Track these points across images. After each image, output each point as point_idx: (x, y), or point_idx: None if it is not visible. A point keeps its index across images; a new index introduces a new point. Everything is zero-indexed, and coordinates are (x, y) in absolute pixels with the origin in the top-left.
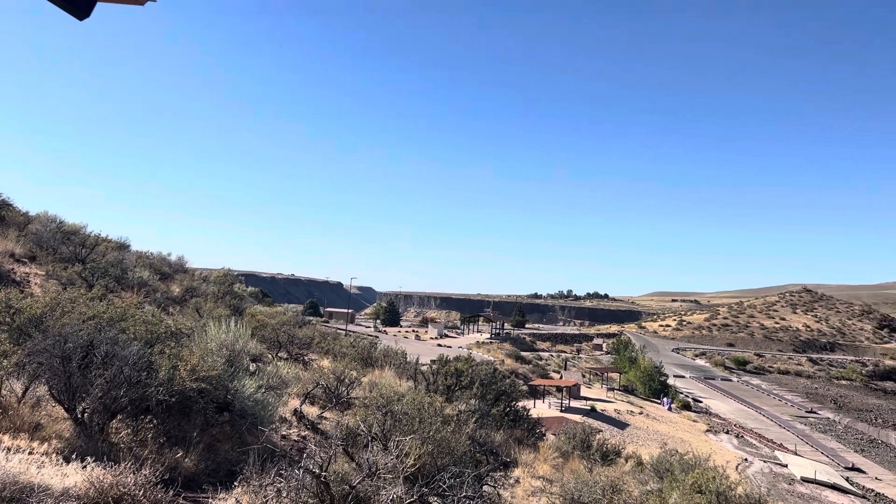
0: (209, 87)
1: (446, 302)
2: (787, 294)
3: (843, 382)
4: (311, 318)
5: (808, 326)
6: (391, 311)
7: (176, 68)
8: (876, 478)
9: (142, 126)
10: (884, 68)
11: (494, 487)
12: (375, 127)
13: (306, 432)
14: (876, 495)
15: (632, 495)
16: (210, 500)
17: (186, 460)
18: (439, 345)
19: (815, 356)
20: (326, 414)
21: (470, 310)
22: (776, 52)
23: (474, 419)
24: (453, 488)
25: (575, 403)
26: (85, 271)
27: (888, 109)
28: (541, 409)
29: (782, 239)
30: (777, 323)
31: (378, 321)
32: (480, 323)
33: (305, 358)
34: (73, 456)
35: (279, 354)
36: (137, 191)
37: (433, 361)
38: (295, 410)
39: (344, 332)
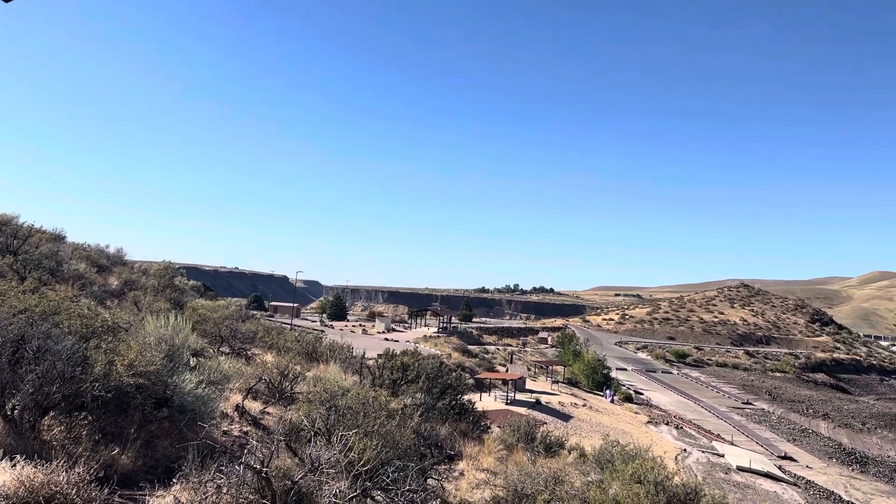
0: (144, 70)
1: (394, 296)
2: (726, 289)
3: (778, 374)
4: (255, 312)
5: (745, 320)
6: (338, 305)
7: (107, 48)
8: (807, 466)
9: (76, 112)
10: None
11: (438, 480)
12: (320, 120)
13: (248, 428)
14: (807, 483)
15: (574, 486)
16: (147, 498)
17: (123, 457)
18: (386, 339)
19: (751, 349)
20: (269, 409)
21: (418, 304)
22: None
23: (419, 413)
24: (397, 482)
25: (520, 396)
26: (16, 263)
27: (825, 106)
28: (487, 402)
29: (722, 235)
30: (716, 317)
31: (324, 315)
32: (428, 317)
33: (248, 353)
34: (2, 455)
35: (221, 349)
36: (74, 181)
37: (380, 356)
38: (237, 406)
39: (289, 326)
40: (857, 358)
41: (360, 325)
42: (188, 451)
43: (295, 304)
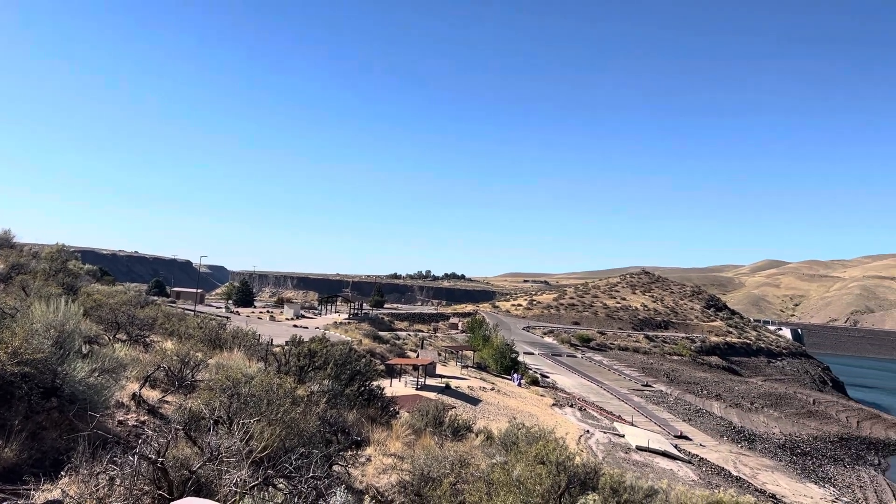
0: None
1: (304, 282)
2: (628, 276)
3: (675, 357)
4: (156, 298)
5: (646, 306)
6: (244, 291)
7: None
8: (701, 444)
9: None
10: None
11: (344, 466)
12: (231, 105)
13: (145, 417)
14: (700, 460)
15: (479, 468)
16: (32, 492)
17: (6, 450)
18: (295, 326)
19: (651, 333)
20: (169, 398)
21: (328, 290)
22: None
23: (325, 399)
24: (300, 469)
25: (431, 381)
26: None
27: (711, 101)
28: (397, 387)
29: (625, 224)
30: (618, 303)
31: (230, 301)
32: (339, 303)
33: (147, 340)
34: None
35: (118, 336)
36: None
37: (287, 342)
38: (133, 395)
39: (192, 312)
40: (748, 342)
41: (268, 312)
42: (78, 443)
43: (199, 290)
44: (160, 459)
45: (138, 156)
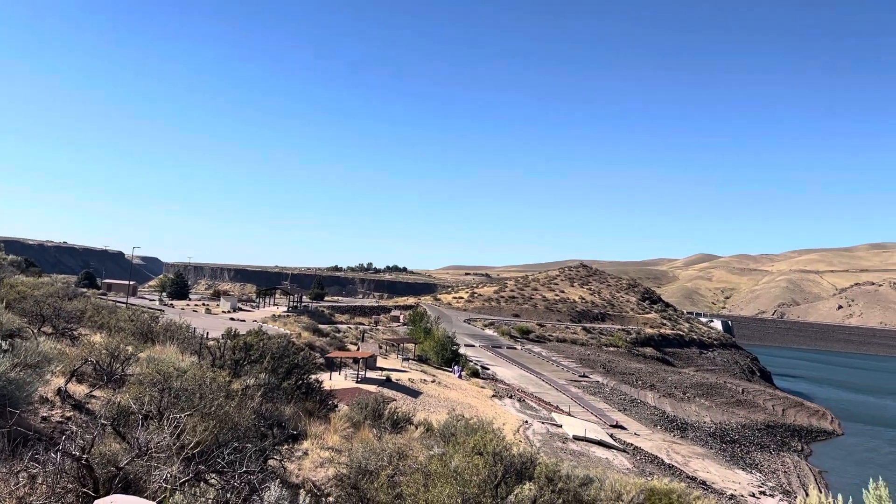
0: None
1: (241, 274)
2: (567, 269)
3: (611, 349)
4: (86, 290)
5: (584, 298)
6: (179, 283)
7: None
8: (635, 433)
9: None
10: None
11: (280, 461)
12: (165, 88)
13: (71, 413)
14: (634, 449)
15: (418, 460)
16: None
17: None
18: (232, 318)
19: (588, 325)
20: (97, 393)
21: (267, 283)
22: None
23: (261, 393)
24: (234, 464)
25: (371, 374)
26: None
27: (656, 99)
28: (337, 380)
29: (564, 218)
30: (557, 295)
31: (164, 294)
32: (277, 296)
33: (75, 333)
34: None
35: (43, 329)
36: None
37: (222, 336)
38: (59, 390)
39: (124, 305)
40: (681, 333)
41: (204, 305)
42: None
43: (131, 282)
44: (85, 456)
45: (67, 141)
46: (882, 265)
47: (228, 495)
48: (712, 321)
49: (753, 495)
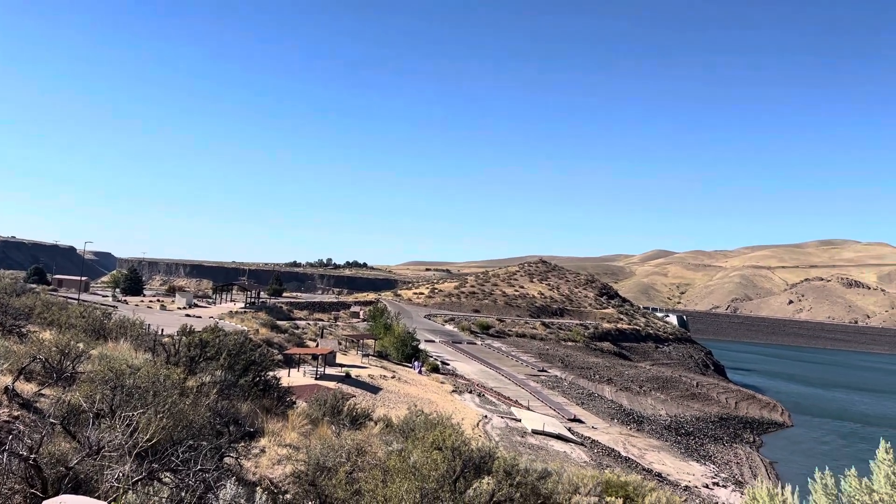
0: None
1: (197, 270)
2: (526, 264)
3: (570, 344)
4: (35, 286)
5: (543, 294)
6: (133, 279)
7: None
8: (593, 427)
9: None
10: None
11: (236, 458)
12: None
13: (19, 412)
14: (592, 442)
15: (377, 456)
16: None
17: None
18: (188, 315)
19: (547, 320)
20: (46, 391)
21: (224, 278)
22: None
23: (217, 390)
24: (188, 462)
25: (330, 371)
26: None
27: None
28: (295, 377)
29: (524, 215)
30: (517, 291)
31: (117, 290)
32: (234, 292)
33: (23, 330)
34: None
35: None
36: None
37: (178, 332)
38: (6, 388)
39: (76, 301)
40: (637, 328)
41: (159, 301)
42: None
43: (83, 278)
44: (33, 456)
45: (16, 134)
46: (830, 261)
47: (183, 494)
48: (668, 316)
49: (707, 486)
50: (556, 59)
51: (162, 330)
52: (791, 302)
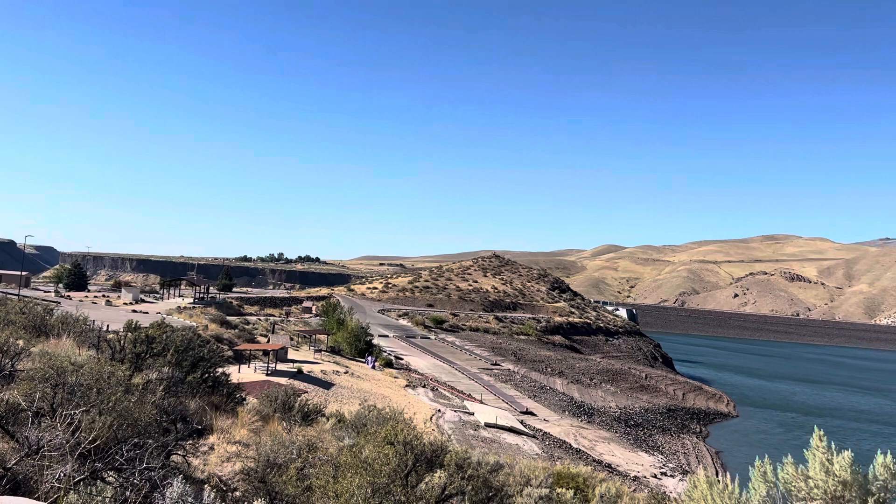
0: None
1: (144, 264)
2: (480, 259)
3: (522, 337)
4: None
5: (496, 288)
6: (77, 273)
7: None
8: (545, 419)
9: None
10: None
11: (184, 456)
12: (58, 70)
13: None
14: (544, 434)
15: (328, 452)
16: None
17: None
18: (134, 311)
19: (500, 314)
20: None
21: (172, 273)
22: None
23: (164, 387)
24: (133, 461)
25: (282, 366)
26: None
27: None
28: (246, 373)
29: (477, 210)
30: (470, 285)
31: (60, 285)
32: (183, 287)
33: None
34: None
35: None
36: None
37: (123, 328)
38: None
39: (16, 296)
40: (588, 321)
41: (104, 296)
42: None
43: (24, 273)
44: None
45: None
46: (774, 256)
47: (128, 493)
48: (618, 310)
49: (655, 476)
50: (499, 51)
51: (107, 326)
52: (736, 295)
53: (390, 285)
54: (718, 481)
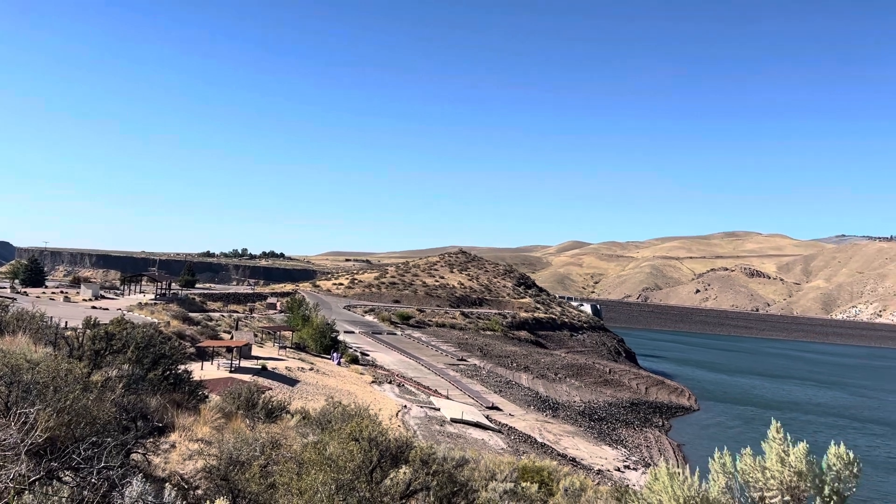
0: None
1: (105, 260)
2: (446, 255)
3: (488, 333)
4: None
5: (463, 284)
6: (34, 269)
7: None
8: (510, 414)
9: None
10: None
11: (144, 454)
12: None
13: None
14: (509, 429)
15: (292, 449)
16: None
17: None
18: (94, 307)
19: (467, 310)
20: None
21: (133, 269)
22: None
23: (123, 384)
24: (90, 460)
25: (246, 363)
26: None
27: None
28: (209, 370)
29: (444, 205)
30: (437, 281)
31: (16, 281)
32: (144, 283)
33: None
34: None
35: None
36: None
37: (82, 325)
38: None
39: None
40: (553, 317)
41: (62, 293)
42: None
43: None
44: None
45: None
46: (734, 252)
47: (85, 493)
48: (582, 305)
49: (619, 469)
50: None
51: (65, 323)
52: (698, 291)
53: (356, 281)
54: (679, 473)
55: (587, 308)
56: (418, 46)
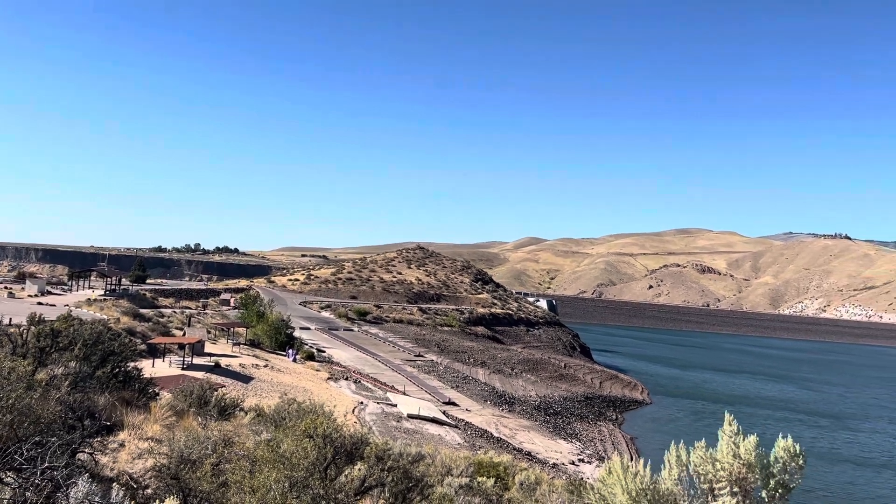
0: None
1: (51, 255)
2: (404, 251)
3: (446, 328)
4: None
5: (420, 280)
6: None
7: None
8: (467, 409)
9: None
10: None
11: (91, 454)
12: None
13: None
14: (466, 424)
15: (245, 446)
16: None
17: None
18: (40, 303)
19: (424, 306)
20: None
21: (81, 264)
22: None
23: (69, 382)
24: (34, 460)
25: (198, 360)
26: None
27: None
28: (161, 368)
29: (402, 202)
30: (395, 277)
31: None
32: (93, 278)
33: None
34: None
35: None
36: None
37: (27, 321)
38: None
39: None
40: (510, 312)
41: (6, 288)
42: None
43: None
44: None
45: None
46: (686, 249)
47: (28, 494)
48: (538, 301)
49: (574, 463)
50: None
51: (9, 319)
52: (651, 287)
53: (312, 277)
54: (632, 466)
55: (543, 304)
56: (334, 38)
